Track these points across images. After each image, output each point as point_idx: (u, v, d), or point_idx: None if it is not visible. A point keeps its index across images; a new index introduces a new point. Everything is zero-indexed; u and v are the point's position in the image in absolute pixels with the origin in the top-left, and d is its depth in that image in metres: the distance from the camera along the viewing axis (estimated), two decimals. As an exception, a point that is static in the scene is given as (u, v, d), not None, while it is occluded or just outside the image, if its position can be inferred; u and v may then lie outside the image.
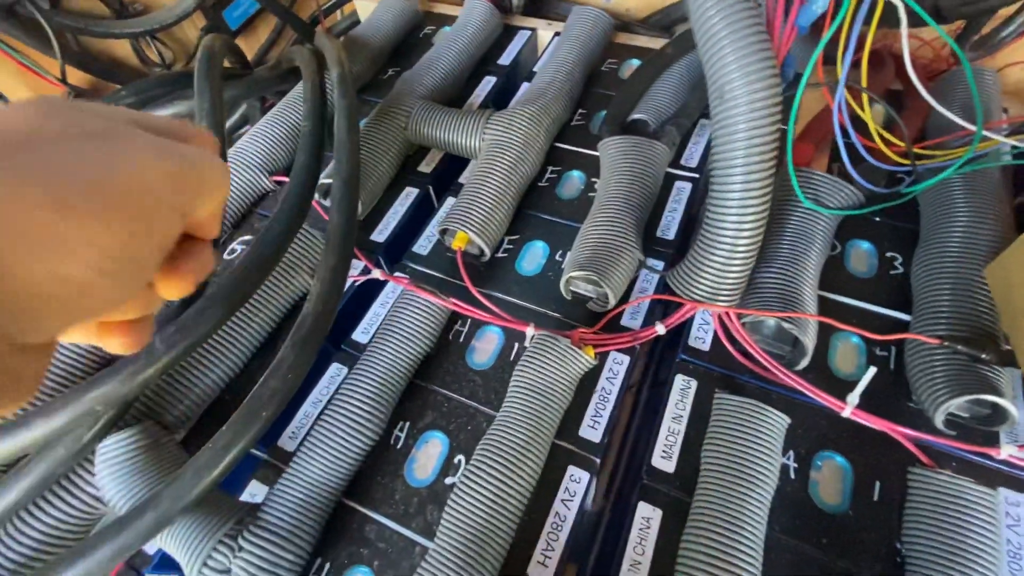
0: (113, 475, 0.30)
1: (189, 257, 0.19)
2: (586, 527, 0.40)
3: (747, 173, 0.29)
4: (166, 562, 0.33)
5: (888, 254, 0.40)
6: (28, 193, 0.13)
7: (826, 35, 0.29)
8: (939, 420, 0.30)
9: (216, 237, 0.20)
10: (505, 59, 0.58)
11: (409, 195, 0.48)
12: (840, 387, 0.33)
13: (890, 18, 0.32)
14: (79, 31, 0.56)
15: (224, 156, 0.39)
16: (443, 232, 0.43)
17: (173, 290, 0.19)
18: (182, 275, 0.19)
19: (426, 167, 0.50)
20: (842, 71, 0.33)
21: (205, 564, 0.28)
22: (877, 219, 0.42)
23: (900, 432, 0.30)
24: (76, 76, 0.59)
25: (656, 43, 0.57)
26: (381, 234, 0.46)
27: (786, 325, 0.33)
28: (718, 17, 0.28)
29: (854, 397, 0.31)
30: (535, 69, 0.55)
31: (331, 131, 0.42)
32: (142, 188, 0.15)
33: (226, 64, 0.60)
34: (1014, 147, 0.39)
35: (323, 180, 0.46)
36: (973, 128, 0.34)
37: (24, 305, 0.13)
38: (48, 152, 0.14)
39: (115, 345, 0.19)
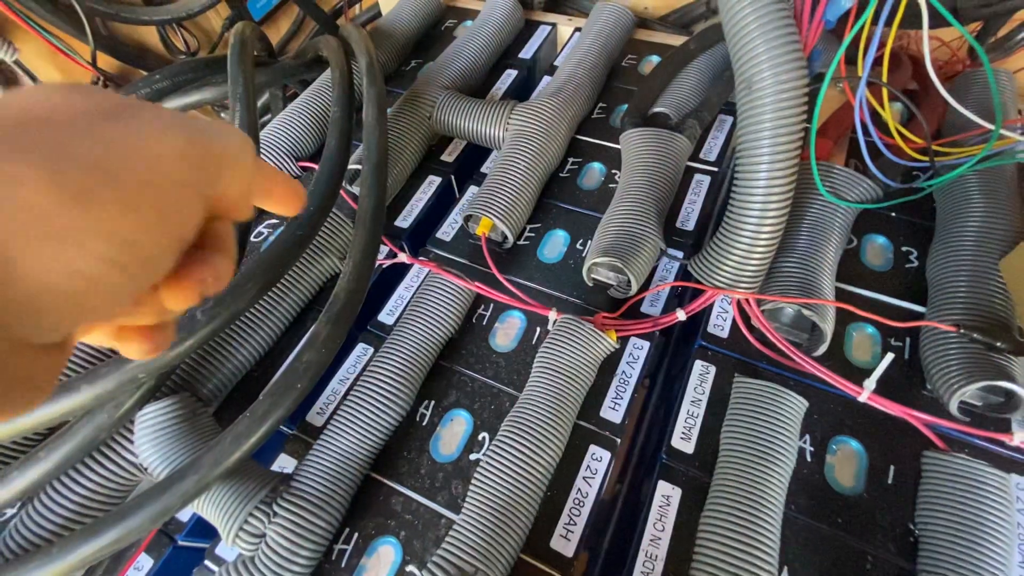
0: (153, 442, 0.31)
1: (203, 262, 0.16)
2: (600, 512, 0.41)
3: (772, 161, 0.30)
4: (199, 528, 0.34)
5: (904, 248, 0.41)
6: (31, 177, 0.12)
7: (851, 31, 0.30)
8: (953, 406, 0.31)
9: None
10: (526, 53, 0.59)
11: (432, 183, 0.49)
12: (856, 375, 0.34)
13: (912, 18, 0.33)
14: (110, 16, 0.57)
15: (257, 142, 0.40)
16: (467, 219, 0.44)
17: (178, 298, 0.16)
18: (190, 282, 0.16)
19: (449, 156, 0.51)
20: (863, 68, 0.34)
21: (242, 528, 0.29)
22: (893, 214, 0.42)
23: (916, 417, 0.31)
24: (104, 61, 0.60)
25: (675, 40, 0.58)
26: (405, 220, 0.47)
27: (806, 312, 0.33)
28: (749, 8, 0.29)
29: (871, 382, 0.32)
30: (556, 63, 0.56)
31: (359, 118, 0.43)
32: (152, 166, 0.14)
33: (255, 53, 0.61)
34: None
35: (351, 166, 0.47)
36: (990, 126, 0.35)
37: (31, 302, 0.12)
38: (57, 134, 0.13)
39: (133, 350, 0.17)
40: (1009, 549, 0.28)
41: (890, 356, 0.31)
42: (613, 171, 0.47)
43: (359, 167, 0.43)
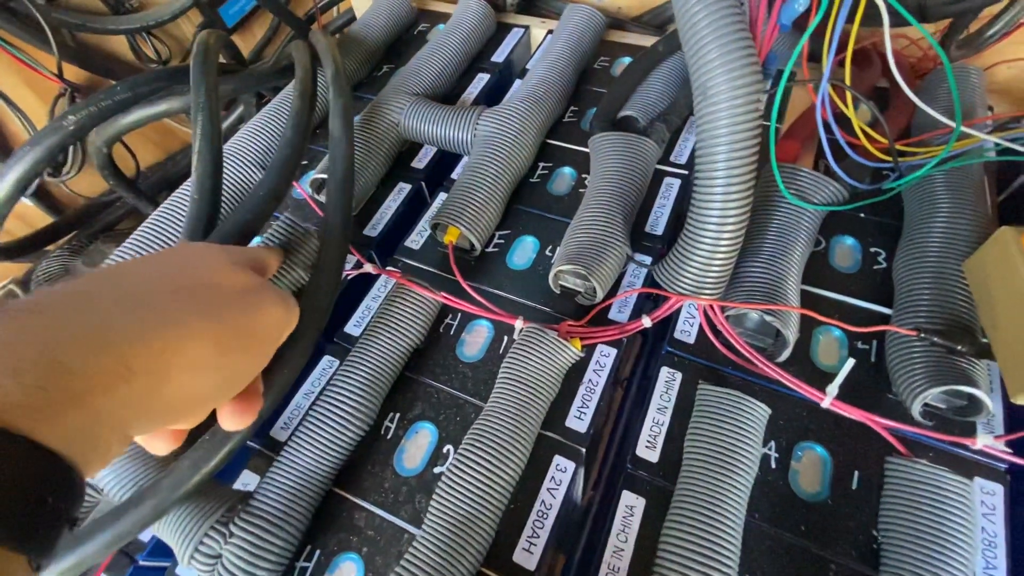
0: (110, 464, 0.31)
1: (250, 386, 0.23)
2: (575, 517, 0.41)
3: (729, 169, 0.30)
4: (160, 548, 0.34)
5: (872, 249, 0.40)
6: (201, 332, 0.19)
7: (806, 33, 0.30)
8: (916, 410, 0.31)
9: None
10: (498, 56, 0.59)
11: (402, 190, 0.49)
12: (822, 379, 0.34)
13: (874, 17, 0.33)
14: (76, 27, 0.57)
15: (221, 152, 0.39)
16: (435, 227, 0.43)
17: (235, 419, 0.23)
18: (248, 403, 0.23)
19: (419, 163, 0.50)
20: (825, 68, 0.34)
21: (197, 549, 0.29)
22: (862, 215, 0.42)
23: (878, 422, 0.31)
24: (72, 72, 0.59)
25: (648, 41, 0.57)
26: (374, 229, 0.46)
27: (768, 318, 0.33)
28: (702, 15, 0.29)
29: (833, 388, 0.31)
30: (528, 66, 0.55)
31: (322, 124, 0.42)
32: (267, 330, 0.22)
33: (222, 60, 0.60)
34: (997, 144, 0.40)
35: (317, 175, 0.46)
36: (951, 123, 0.35)
37: (157, 410, 0.17)
38: (219, 301, 0.20)
39: (157, 447, 0.22)
40: (970, 556, 0.28)
41: (851, 362, 0.30)
42: (584, 176, 0.47)
43: (325, 176, 0.42)
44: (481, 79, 0.57)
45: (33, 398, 0.14)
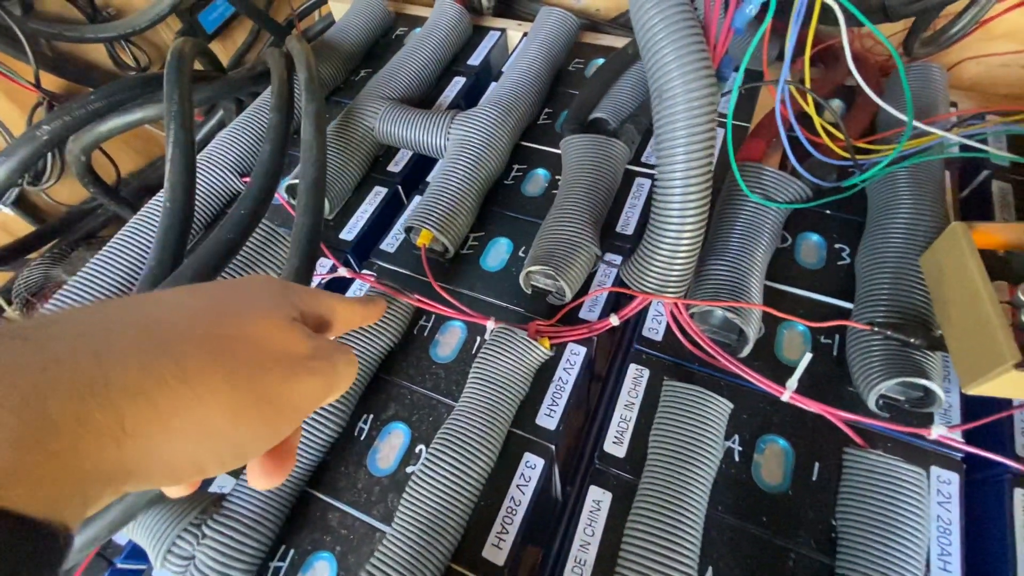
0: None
1: (284, 443, 0.20)
2: (551, 513, 0.42)
3: (687, 169, 0.31)
4: (137, 552, 0.34)
5: (837, 246, 0.41)
6: (216, 393, 0.16)
7: (756, 36, 0.30)
8: (872, 402, 0.32)
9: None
10: (475, 60, 0.59)
11: (378, 194, 0.49)
12: (786, 374, 0.34)
13: (830, 18, 0.33)
14: (52, 36, 0.57)
15: (194, 158, 0.40)
16: (408, 230, 0.44)
17: (265, 480, 0.20)
18: (279, 462, 0.20)
19: (395, 167, 0.51)
20: (783, 68, 0.34)
21: (170, 551, 0.29)
22: (827, 212, 0.43)
23: (835, 414, 0.32)
24: (51, 81, 0.59)
25: (623, 42, 0.58)
26: (350, 232, 0.47)
27: (729, 315, 0.34)
28: (657, 19, 0.29)
29: (793, 382, 0.32)
30: (503, 70, 0.56)
31: (299, 130, 0.43)
32: (300, 407, 0.19)
33: (199, 67, 0.61)
34: (965, 146, 0.41)
35: (292, 180, 0.47)
36: (902, 117, 0.35)
37: (151, 470, 0.15)
38: (254, 360, 0.17)
39: (171, 491, 0.20)
40: (922, 542, 0.28)
41: (808, 356, 0.31)
42: (557, 177, 0.47)
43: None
44: (457, 82, 0.57)
45: (8, 458, 0.12)
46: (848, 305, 0.38)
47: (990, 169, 0.44)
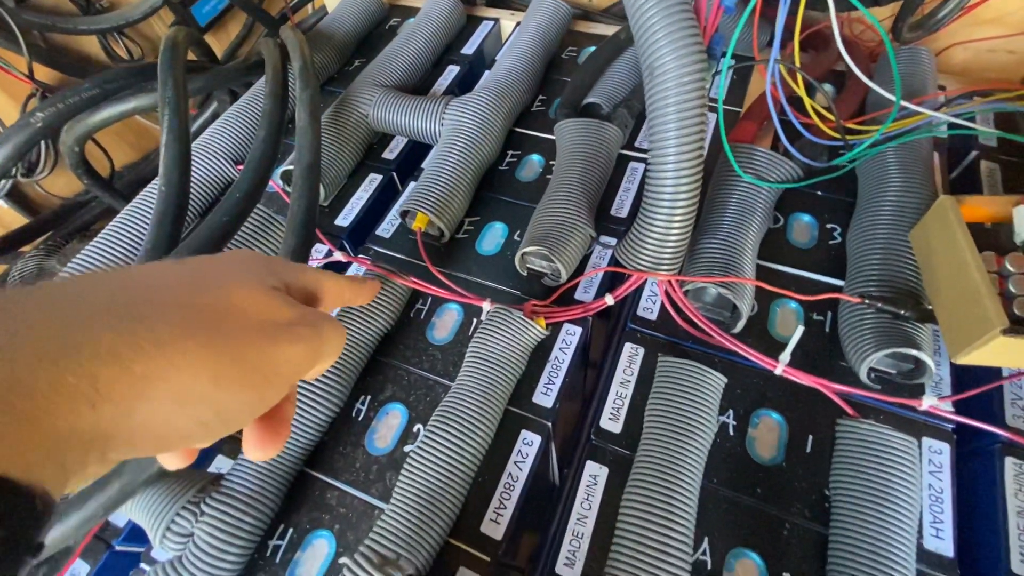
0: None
1: (277, 412, 0.20)
2: (549, 498, 0.42)
3: (679, 146, 0.31)
4: (135, 534, 0.34)
5: (828, 226, 0.42)
6: (195, 361, 0.16)
7: (743, 16, 0.31)
8: (863, 373, 0.32)
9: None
10: (468, 49, 0.60)
11: (373, 181, 0.49)
12: (779, 350, 0.35)
13: (820, 1, 0.34)
14: (45, 28, 0.57)
15: (189, 148, 0.40)
16: (404, 214, 0.44)
17: (260, 450, 0.20)
18: (272, 431, 0.20)
19: (390, 153, 0.51)
20: (773, 49, 0.35)
21: (169, 528, 0.29)
22: (819, 193, 0.43)
23: (829, 387, 0.32)
24: (44, 73, 0.59)
25: (614, 31, 0.58)
26: (345, 218, 0.47)
27: (723, 291, 0.34)
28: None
29: (785, 356, 0.33)
30: (497, 57, 0.56)
31: (293, 119, 0.43)
32: (284, 372, 0.18)
33: (193, 58, 0.61)
34: (953, 125, 0.41)
35: (287, 167, 0.47)
36: (890, 96, 0.36)
37: (133, 437, 0.15)
38: (232, 326, 0.17)
39: (167, 462, 0.20)
40: (914, 508, 0.29)
41: (800, 329, 0.32)
42: (551, 163, 0.48)
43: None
44: (451, 71, 0.57)
45: None
46: (840, 283, 0.38)
47: (978, 150, 0.44)
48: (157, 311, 0.16)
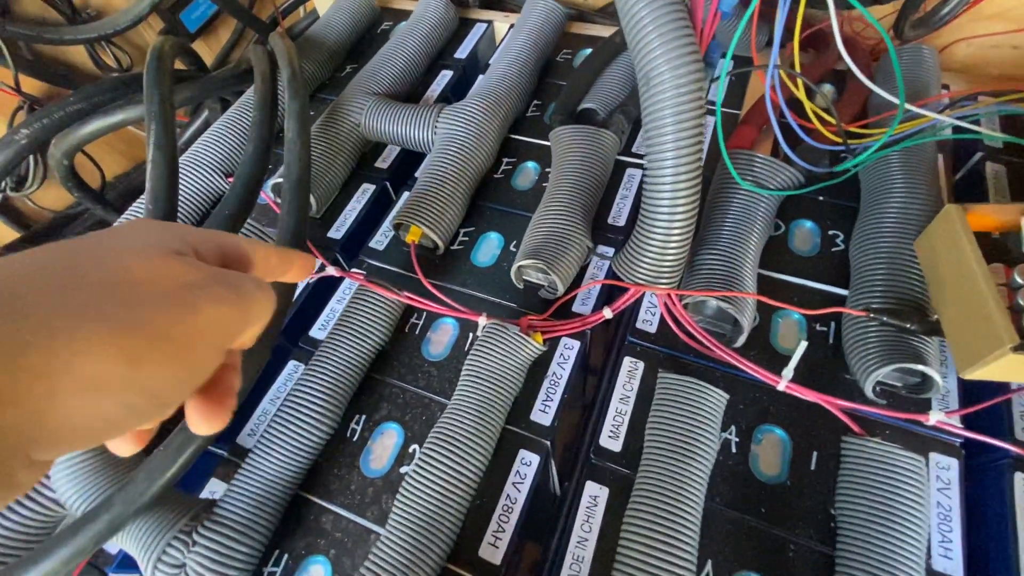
0: (69, 477, 0.31)
1: (219, 383, 0.19)
2: (550, 509, 0.42)
3: (677, 156, 0.30)
4: (128, 560, 0.34)
5: (831, 232, 0.41)
6: (101, 342, 0.14)
7: (742, 20, 0.30)
8: (869, 389, 0.31)
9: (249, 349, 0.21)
10: (461, 53, 0.59)
11: (366, 191, 0.48)
12: (782, 363, 0.34)
13: (819, 1, 0.33)
14: (31, 39, 0.56)
15: (176, 159, 0.39)
16: (397, 226, 0.43)
17: (204, 423, 0.19)
18: (216, 403, 0.19)
19: (383, 163, 0.50)
20: (773, 53, 0.34)
21: (160, 559, 0.29)
22: (821, 199, 0.43)
23: (832, 402, 0.31)
24: (31, 84, 0.58)
25: (610, 32, 0.57)
26: (338, 231, 0.46)
27: (723, 305, 0.34)
28: (642, 4, 0.29)
29: (788, 371, 0.32)
30: (489, 62, 0.55)
31: (283, 128, 0.42)
32: (202, 334, 0.16)
33: (182, 67, 0.60)
34: (957, 128, 0.40)
35: (277, 179, 0.46)
36: (908, 105, 0.35)
37: (55, 434, 0.14)
38: (140, 301, 0.15)
39: (118, 448, 0.19)
40: (922, 529, 0.28)
41: (804, 344, 0.31)
42: (547, 170, 0.47)
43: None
44: (444, 76, 0.56)
45: None
46: (843, 292, 0.38)
47: (983, 151, 0.43)
48: (45, 299, 0.14)
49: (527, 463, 0.33)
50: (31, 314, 0.14)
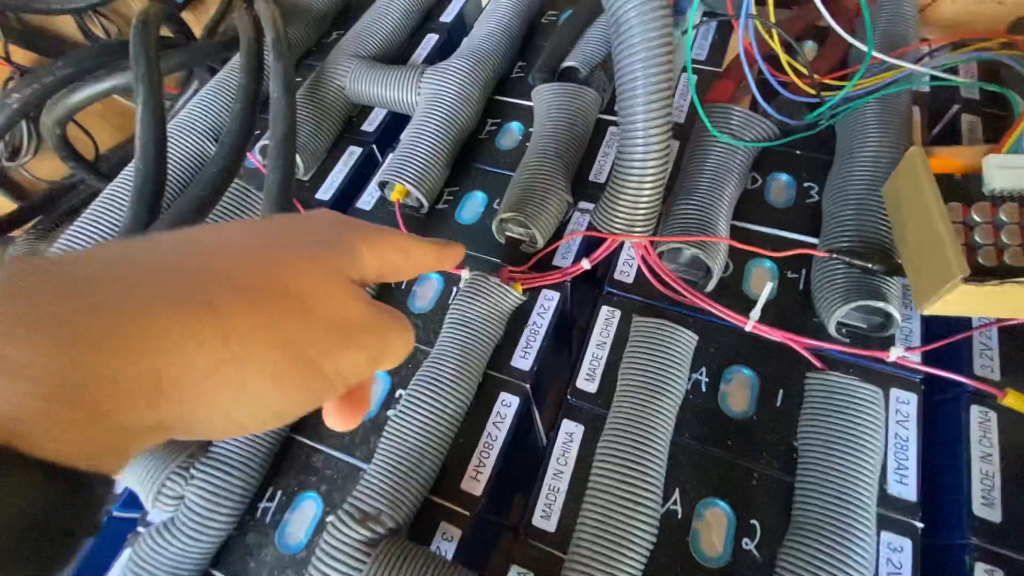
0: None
1: (352, 395, 0.20)
2: (538, 462, 0.43)
3: (648, 103, 0.31)
4: (133, 499, 0.36)
5: (806, 184, 0.42)
6: (265, 361, 0.15)
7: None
8: (832, 327, 0.33)
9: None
10: (447, 16, 0.59)
11: (353, 154, 0.49)
12: (752, 308, 0.35)
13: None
14: (19, 9, 0.56)
15: (164, 126, 0.40)
16: (382, 185, 0.44)
17: (340, 423, 0.20)
18: (349, 412, 0.20)
19: (369, 126, 0.51)
20: (745, 4, 0.34)
21: (160, 491, 0.31)
22: (797, 152, 0.43)
23: (798, 341, 0.33)
24: (21, 55, 0.59)
25: (595, -7, 0.57)
26: (326, 193, 0.47)
27: (693, 250, 0.35)
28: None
29: (756, 312, 0.33)
30: (475, 23, 0.55)
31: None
32: (341, 377, 0.17)
33: (169, 34, 0.60)
34: (933, 77, 0.40)
35: (265, 142, 0.47)
36: (882, 57, 0.35)
37: (191, 430, 0.15)
38: (305, 329, 0.16)
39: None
40: (877, 455, 0.30)
41: (770, 286, 0.32)
42: (531, 130, 0.48)
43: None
44: (430, 40, 0.57)
45: (39, 410, 0.11)
46: (815, 240, 0.39)
47: (960, 103, 0.44)
48: (225, 294, 0.15)
49: (507, 404, 0.35)
50: (212, 304, 0.14)
